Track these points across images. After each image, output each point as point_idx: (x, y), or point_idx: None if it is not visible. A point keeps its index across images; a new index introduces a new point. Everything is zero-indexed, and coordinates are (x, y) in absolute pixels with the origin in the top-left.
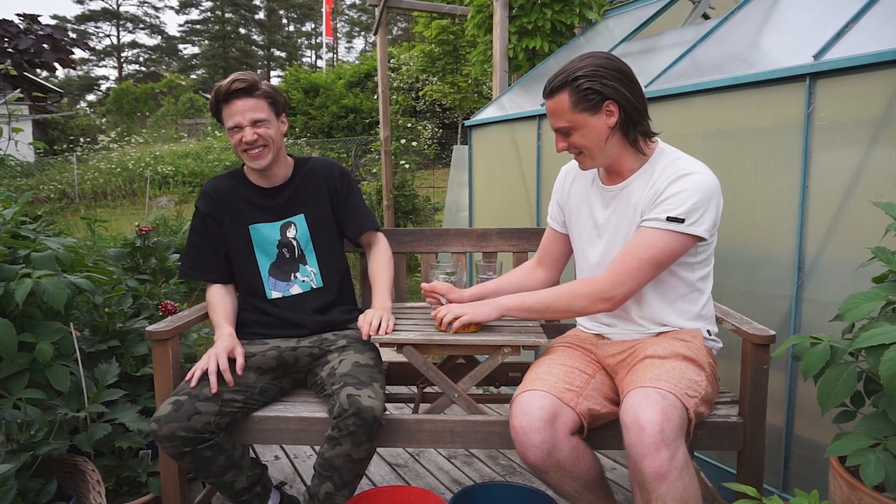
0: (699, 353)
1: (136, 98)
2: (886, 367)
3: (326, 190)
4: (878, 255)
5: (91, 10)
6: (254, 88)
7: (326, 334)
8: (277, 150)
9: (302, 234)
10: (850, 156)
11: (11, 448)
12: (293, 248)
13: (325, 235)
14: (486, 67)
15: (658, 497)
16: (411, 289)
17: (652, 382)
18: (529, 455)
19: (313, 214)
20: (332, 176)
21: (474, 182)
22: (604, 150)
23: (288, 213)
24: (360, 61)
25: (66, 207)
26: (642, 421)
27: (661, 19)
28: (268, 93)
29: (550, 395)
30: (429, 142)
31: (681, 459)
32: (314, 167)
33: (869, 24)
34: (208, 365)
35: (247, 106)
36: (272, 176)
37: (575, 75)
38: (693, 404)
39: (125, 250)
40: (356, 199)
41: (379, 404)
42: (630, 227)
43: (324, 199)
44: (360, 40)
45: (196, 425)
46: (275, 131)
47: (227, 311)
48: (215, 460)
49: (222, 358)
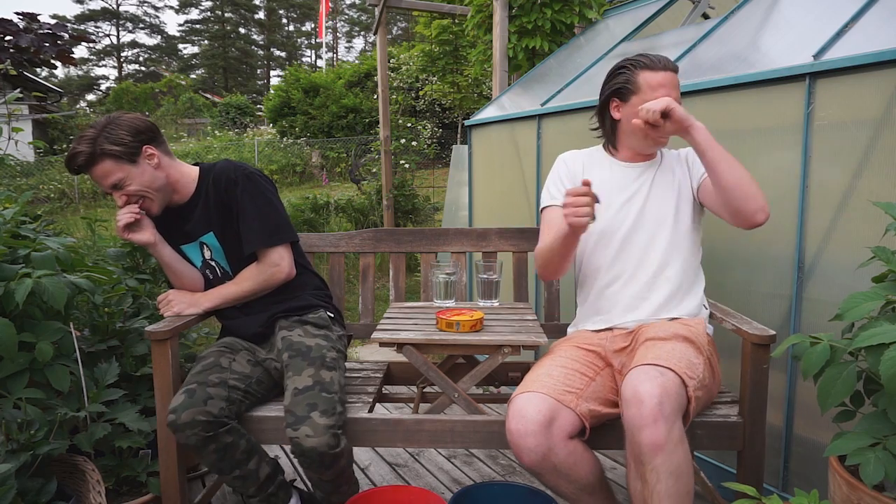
0: (699, 338)
1: (136, 98)
2: (886, 367)
3: (222, 203)
4: (878, 254)
5: (91, 9)
6: (93, 157)
7: (277, 340)
8: (162, 188)
9: (217, 253)
10: (850, 156)
11: (11, 448)
12: (214, 269)
13: (238, 250)
14: (486, 67)
15: (652, 469)
16: (411, 289)
17: (652, 361)
18: (524, 458)
19: (221, 230)
20: (220, 188)
21: (474, 182)
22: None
23: (198, 234)
24: (360, 61)
25: (66, 207)
26: (641, 394)
27: (660, 19)
28: (108, 152)
29: (548, 398)
30: (429, 141)
31: (677, 434)
32: (213, 179)
33: (869, 23)
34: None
35: (97, 175)
36: (176, 199)
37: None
38: (692, 385)
39: (125, 250)
40: (246, 213)
41: (321, 440)
42: (676, 197)
43: (223, 213)
44: (360, 40)
45: (213, 409)
46: (139, 181)
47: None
48: (238, 445)
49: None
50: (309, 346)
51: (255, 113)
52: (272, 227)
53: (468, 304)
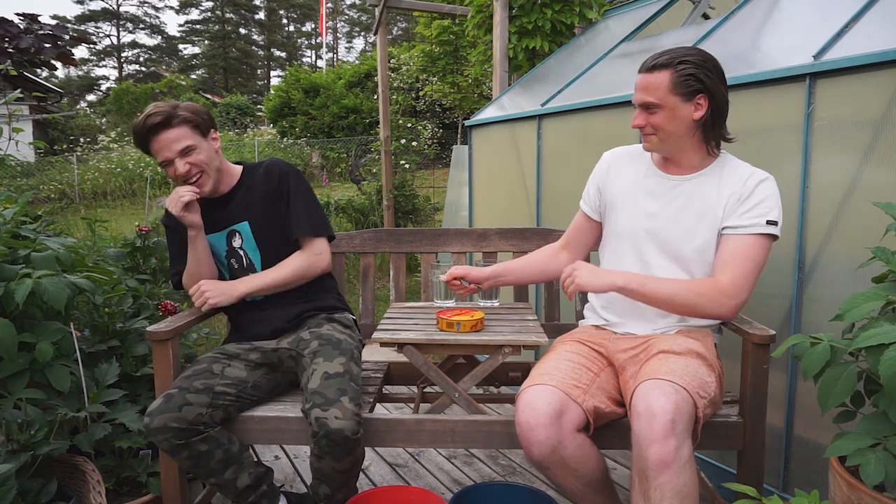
0: (711, 353)
1: (137, 98)
2: (886, 367)
3: (268, 193)
4: (878, 255)
5: (91, 10)
6: (171, 118)
7: (302, 332)
8: (217, 171)
9: (248, 243)
10: (850, 156)
11: (11, 448)
12: (241, 258)
13: (271, 240)
14: (486, 67)
15: (658, 486)
16: (411, 289)
17: (667, 376)
18: (534, 451)
19: (256, 220)
20: (271, 178)
21: (474, 182)
22: (680, 139)
23: (231, 222)
24: (360, 61)
25: (66, 207)
26: (655, 408)
27: (661, 19)
28: (187, 118)
29: (558, 391)
30: (429, 142)
31: (686, 453)
32: (259, 173)
33: (869, 24)
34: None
35: (170, 138)
36: (219, 189)
37: (682, 59)
38: (702, 404)
39: (125, 250)
40: (297, 202)
41: (348, 423)
42: (697, 220)
43: (266, 203)
44: (360, 40)
45: (187, 416)
46: (206, 154)
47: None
48: (213, 455)
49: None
50: (339, 339)
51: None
52: (319, 219)
53: (468, 305)
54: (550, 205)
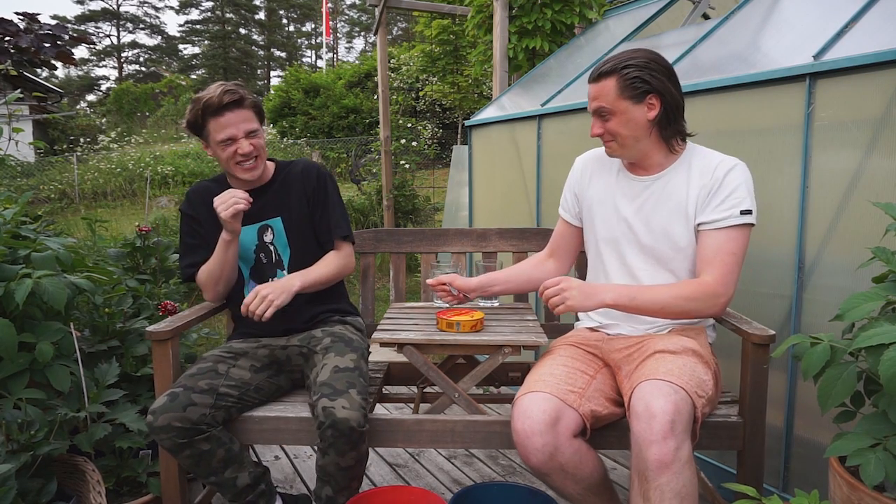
0: (706, 350)
1: (136, 98)
2: (886, 367)
3: (304, 192)
4: (878, 255)
5: (91, 10)
6: (244, 99)
7: (314, 331)
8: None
9: (279, 238)
10: (850, 156)
11: (11, 448)
12: (270, 253)
13: (301, 238)
14: (486, 67)
15: (657, 486)
16: (411, 289)
17: (665, 376)
18: (532, 458)
19: (290, 217)
20: (310, 178)
21: (474, 182)
22: (638, 141)
23: (264, 217)
24: (360, 61)
25: (67, 207)
26: (654, 409)
27: (661, 19)
28: (255, 103)
29: (553, 397)
30: (429, 142)
31: (685, 453)
32: (293, 170)
33: (869, 24)
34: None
35: (239, 117)
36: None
37: (625, 63)
38: (701, 404)
39: (125, 250)
40: (330, 206)
41: (355, 413)
42: (669, 219)
43: (301, 202)
44: (360, 40)
45: (192, 416)
46: (263, 140)
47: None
48: (214, 454)
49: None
50: (351, 337)
51: None
52: (348, 224)
53: (468, 305)
54: (550, 205)
